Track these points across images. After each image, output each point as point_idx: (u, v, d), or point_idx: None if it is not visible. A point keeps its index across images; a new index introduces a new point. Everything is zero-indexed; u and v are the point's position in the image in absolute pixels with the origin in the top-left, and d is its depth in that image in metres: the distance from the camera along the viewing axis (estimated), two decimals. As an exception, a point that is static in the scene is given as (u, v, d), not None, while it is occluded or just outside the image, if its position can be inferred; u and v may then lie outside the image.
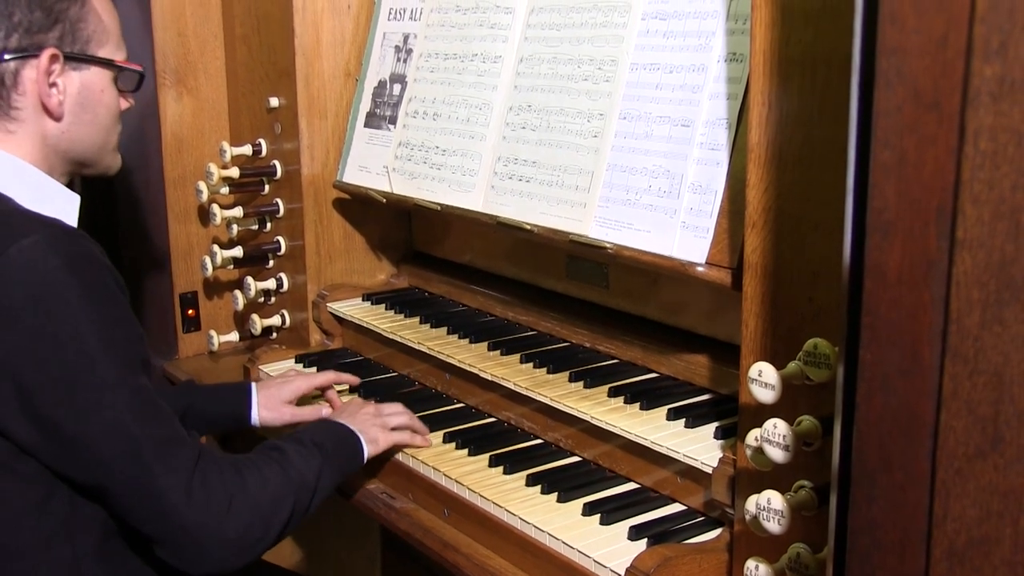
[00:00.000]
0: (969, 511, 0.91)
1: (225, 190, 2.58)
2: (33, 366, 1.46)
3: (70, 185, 1.76)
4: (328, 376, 2.20)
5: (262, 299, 2.64)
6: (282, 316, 2.61)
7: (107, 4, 1.75)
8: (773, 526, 1.28)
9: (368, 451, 1.90)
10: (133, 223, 2.79)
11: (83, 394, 1.48)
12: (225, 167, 2.57)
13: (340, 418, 1.94)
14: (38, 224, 1.51)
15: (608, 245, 1.80)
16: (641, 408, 1.79)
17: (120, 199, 2.78)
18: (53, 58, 1.63)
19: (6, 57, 1.60)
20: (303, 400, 2.17)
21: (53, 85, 1.65)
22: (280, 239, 2.58)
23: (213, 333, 2.69)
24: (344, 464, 1.85)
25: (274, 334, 2.64)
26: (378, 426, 1.94)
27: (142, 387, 1.55)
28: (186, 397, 2.10)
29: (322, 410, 2.12)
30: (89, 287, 1.49)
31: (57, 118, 1.67)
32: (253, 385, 2.13)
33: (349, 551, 2.85)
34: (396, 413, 2.00)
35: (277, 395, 2.12)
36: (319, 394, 2.21)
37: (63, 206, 1.67)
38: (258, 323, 2.60)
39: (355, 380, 2.24)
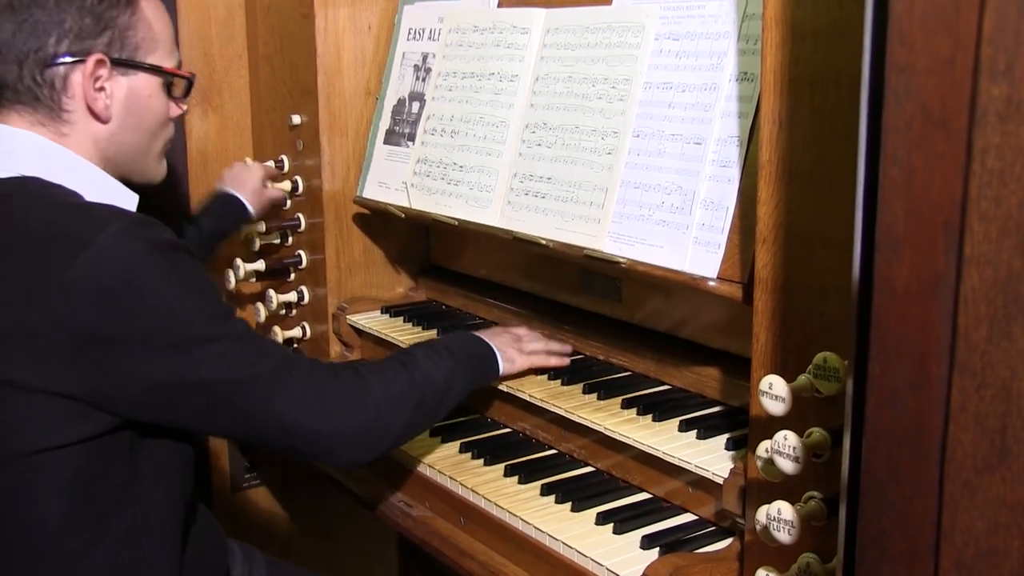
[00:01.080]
0: (977, 523, 0.90)
1: (248, 205, 2.59)
2: (140, 342, 1.50)
3: None
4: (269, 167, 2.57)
5: (284, 311, 2.65)
6: (303, 328, 2.61)
7: (159, 13, 1.77)
8: (783, 536, 1.27)
9: (504, 368, 1.97)
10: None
11: (193, 354, 1.53)
12: (248, 183, 2.59)
13: (481, 334, 2.02)
14: (115, 215, 1.55)
15: (622, 260, 1.80)
16: (654, 420, 1.78)
17: (146, 214, 2.79)
18: (99, 63, 1.66)
19: (57, 61, 1.63)
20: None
21: (100, 89, 1.67)
22: (301, 253, 2.59)
23: (236, 344, 2.69)
24: (477, 373, 1.93)
25: (295, 345, 2.64)
26: (515, 348, 2.01)
27: (241, 330, 1.60)
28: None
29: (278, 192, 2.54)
30: (171, 263, 1.53)
31: (104, 121, 1.69)
32: (227, 190, 2.45)
33: (367, 558, 2.86)
34: (533, 340, 2.08)
35: (248, 181, 2.48)
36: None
37: (124, 202, 1.70)
38: (279, 334, 2.60)
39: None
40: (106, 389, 1.50)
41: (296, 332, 2.61)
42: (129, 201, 1.72)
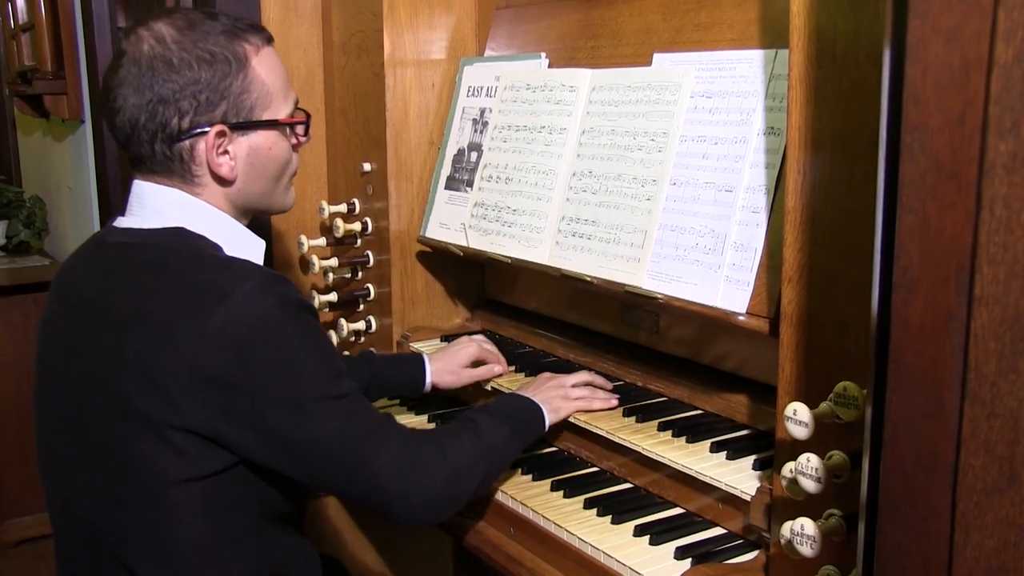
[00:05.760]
0: (987, 542, 0.89)
1: (323, 242, 2.62)
2: (264, 390, 1.50)
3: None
4: (493, 348, 2.25)
5: (353, 339, 2.67)
6: (370, 353, 2.64)
7: (271, 64, 1.70)
8: (806, 550, 1.26)
9: (550, 419, 1.93)
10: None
11: (306, 409, 1.52)
12: (323, 224, 2.62)
13: (526, 391, 1.97)
14: (252, 270, 1.56)
15: (659, 296, 1.80)
16: (687, 441, 1.77)
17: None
18: (219, 134, 1.64)
19: (183, 137, 1.62)
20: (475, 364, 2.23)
21: (223, 153, 1.65)
22: (370, 286, 2.61)
23: (310, 367, 2.72)
24: (528, 433, 1.89)
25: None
26: (560, 396, 1.96)
27: (349, 392, 1.59)
28: (368, 367, 2.16)
29: (495, 368, 2.20)
30: (298, 320, 1.54)
31: (230, 182, 1.68)
32: (425, 356, 2.20)
33: (424, 562, 2.85)
34: (578, 383, 2.02)
35: (453, 360, 2.18)
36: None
37: (253, 251, 1.71)
38: (349, 359, 2.63)
39: (506, 368, 2.24)
40: (224, 431, 1.51)
41: (364, 357, 2.63)
42: (258, 247, 1.73)
